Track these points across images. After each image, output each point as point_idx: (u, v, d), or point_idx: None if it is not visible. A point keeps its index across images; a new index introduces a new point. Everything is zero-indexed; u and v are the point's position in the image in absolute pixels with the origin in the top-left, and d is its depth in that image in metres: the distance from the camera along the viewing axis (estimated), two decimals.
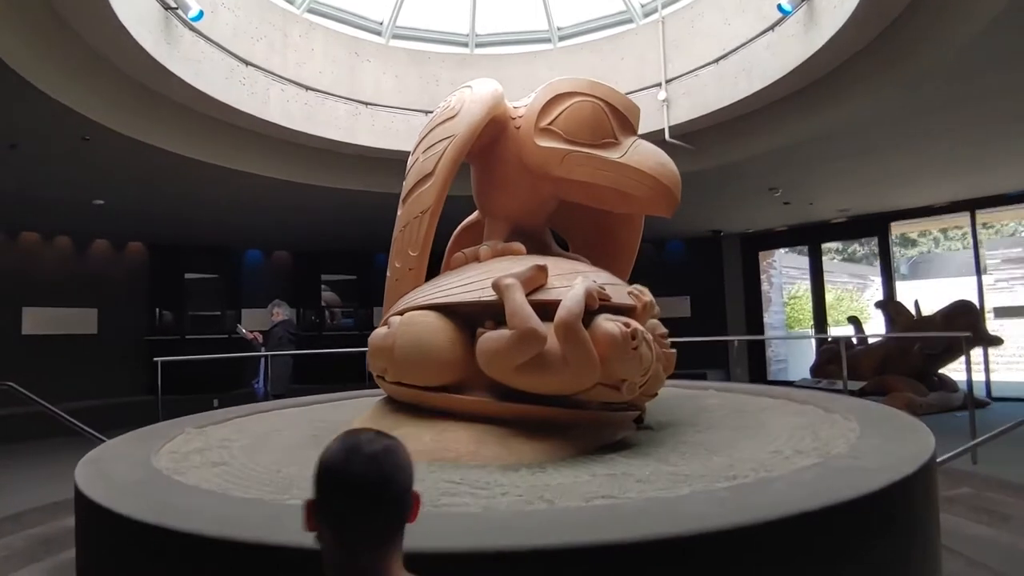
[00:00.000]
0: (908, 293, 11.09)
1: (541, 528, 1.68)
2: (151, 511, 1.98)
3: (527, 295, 2.82)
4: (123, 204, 8.13)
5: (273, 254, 13.18)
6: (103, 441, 4.53)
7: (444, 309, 3.09)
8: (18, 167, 6.27)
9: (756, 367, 12.70)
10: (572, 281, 2.87)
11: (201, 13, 4.98)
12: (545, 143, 3.41)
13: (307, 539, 1.19)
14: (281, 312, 7.82)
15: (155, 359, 6.11)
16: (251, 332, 8.20)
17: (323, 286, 13.58)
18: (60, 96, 4.62)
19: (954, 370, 9.21)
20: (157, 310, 11.22)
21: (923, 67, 5.10)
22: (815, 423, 3.21)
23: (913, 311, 9.50)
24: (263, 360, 7.54)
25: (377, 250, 12.05)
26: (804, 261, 13.43)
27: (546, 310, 2.75)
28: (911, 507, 2.10)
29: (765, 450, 2.68)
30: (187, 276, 11.53)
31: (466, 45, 8.01)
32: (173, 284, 11.39)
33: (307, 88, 6.53)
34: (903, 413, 3.24)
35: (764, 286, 13.21)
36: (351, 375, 8.20)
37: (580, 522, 1.74)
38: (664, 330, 3.30)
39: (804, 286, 14.98)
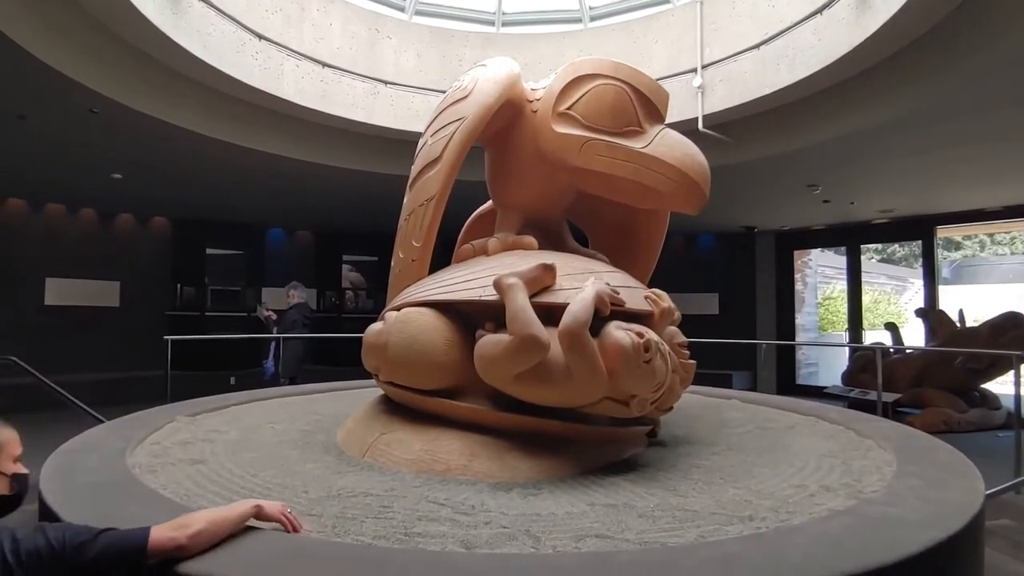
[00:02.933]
0: (950, 298, 10.52)
1: None
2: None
3: (532, 296, 2.57)
4: (140, 179, 8.07)
5: (296, 233, 13.13)
6: (100, 421, 4.50)
7: (443, 307, 2.87)
8: (30, 138, 6.20)
9: (784, 370, 12.24)
10: (583, 282, 2.60)
11: None
12: (563, 129, 3.14)
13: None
14: (296, 295, 7.71)
15: (165, 337, 5.98)
16: (268, 311, 8.12)
17: (346, 266, 13.47)
18: (60, 66, 4.47)
19: (999, 383, 8.69)
20: (179, 286, 11.22)
21: (987, 59, 4.64)
22: (846, 450, 2.91)
23: (957, 321, 8.96)
24: (275, 341, 7.46)
25: None
26: (841, 260, 12.86)
27: (552, 314, 2.50)
28: (955, 571, 1.81)
29: (788, 483, 2.39)
30: (208, 252, 11.50)
31: (492, 24, 7.69)
32: (195, 260, 11.39)
33: (324, 65, 6.31)
34: (944, 445, 2.92)
35: (798, 286, 12.70)
36: None
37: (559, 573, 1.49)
38: (683, 339, 3.03)
39: (840, 286, 14.41)
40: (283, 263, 12.47)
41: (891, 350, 9.25)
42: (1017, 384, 5.01)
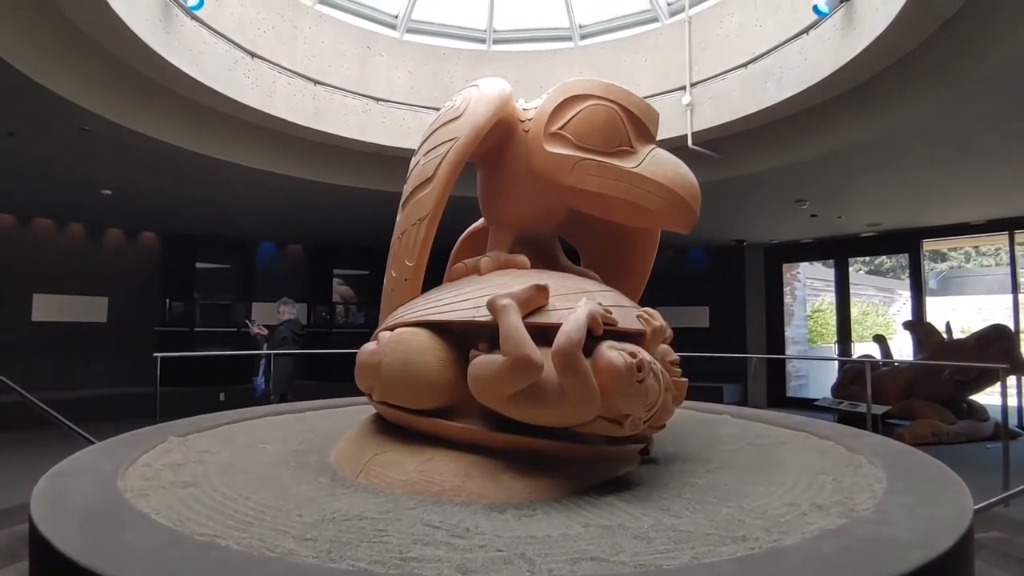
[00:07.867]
0: (937, 309, 10.65)
1: None
2: (86, 547, 1.79)
3: (525, 317, 2.58)
4: (130, 194, 8.06)
5: (286, 247, 13.10)
6: (89, 440, 4.45)
7: (437, 326, 2.88)
8: (20, 154, 6.18)
9: (775, 383, 12.31)
10: (576, 302, 2.62)
11: (201, 2, 4.80)
12: (555, 149, 3.16)
13: None
14: (287, 311, 7.71)
15: (154, 355, 5.94)
16: (257, 328, 8.09)
17: (336, 280, 13.44)
18: (52, 85, 4.49)
19: (987, 393, 8.78)
20: (168, 300, 11.15)
21: (971, 77, 4.75)
22: (837, 467, 2.92)
23: (944, 333, 9.06)
24: (265, 357, 7.43)
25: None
26: (829, 273, 13.01)
27: (545, 334, 2.51)
28: None
29: (780, 500, 2.41)
30: (198, 266, 11.44)
31: (483, 41, 7.77)
32: (184, 274, 11.33)
33: (315, 82, 6.34)
34: (933, 460, 2.94)
35: (787, 299, 12.81)
36: None
37: None
38: (675, 356, 3.04)
39: (828, 299, 14.54)
40: (274, 277, 12.44)
41: (880, 362, 9.33)
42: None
